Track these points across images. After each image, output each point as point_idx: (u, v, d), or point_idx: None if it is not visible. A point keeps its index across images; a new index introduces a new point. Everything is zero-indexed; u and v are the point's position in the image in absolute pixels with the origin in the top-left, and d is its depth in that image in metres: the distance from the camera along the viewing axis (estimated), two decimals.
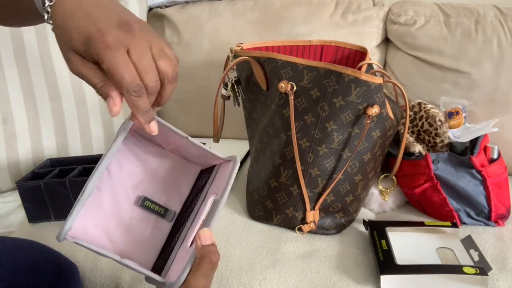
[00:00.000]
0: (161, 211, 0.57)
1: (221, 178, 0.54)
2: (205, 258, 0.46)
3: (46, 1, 0.44)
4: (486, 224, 0.82)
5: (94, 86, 0.44)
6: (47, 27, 1.07)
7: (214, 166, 0.59)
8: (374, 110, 0.72)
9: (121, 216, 0.54)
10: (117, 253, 0.50)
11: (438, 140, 0.87)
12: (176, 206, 0.58)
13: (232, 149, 1.15)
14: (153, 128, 0.46)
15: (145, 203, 0.55)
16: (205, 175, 0.59)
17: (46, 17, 0.45)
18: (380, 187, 0.88)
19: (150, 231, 0.56)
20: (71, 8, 0.43)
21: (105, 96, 0.44)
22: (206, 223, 0.49)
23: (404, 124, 0.83)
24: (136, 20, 0.44)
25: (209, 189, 0.56)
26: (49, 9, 0.44)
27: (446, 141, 0.87)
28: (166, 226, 0.57)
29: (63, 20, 0.43)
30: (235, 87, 0.91)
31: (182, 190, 0.59)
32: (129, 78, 0.41)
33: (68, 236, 0.46)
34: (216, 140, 0.91)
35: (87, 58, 0.43)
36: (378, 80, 0.72)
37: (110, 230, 0.53)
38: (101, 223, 0.52)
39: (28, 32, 1.04)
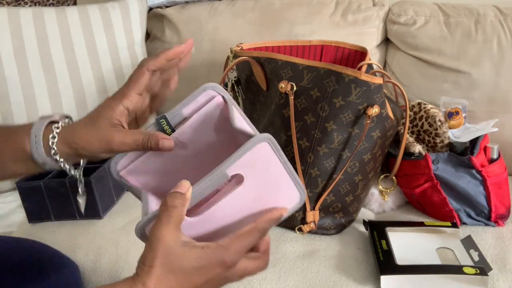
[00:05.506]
0: None
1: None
2: (163, 202, 0.43)
3: None
4: (486, 224, 0.82)
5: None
6: (47, 28, 1.07)
7: None
8: (374, 110, 0.72)
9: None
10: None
11: (438, 140, 0.87)
12: None
13: None
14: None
15: None
16: None
17: None
18: (380, 187, 0.88)
19: None
20: None
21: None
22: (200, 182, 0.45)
23: (404, 124, 0.83)
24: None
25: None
26: None
27: (446, 141, 0.87)
28: None
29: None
30: (235, 87, 0.91)
31: None
32: None
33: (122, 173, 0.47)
34: None
35: None
36: (378, 80, 0.72)
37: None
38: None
39: (28, 32, 1.04)
